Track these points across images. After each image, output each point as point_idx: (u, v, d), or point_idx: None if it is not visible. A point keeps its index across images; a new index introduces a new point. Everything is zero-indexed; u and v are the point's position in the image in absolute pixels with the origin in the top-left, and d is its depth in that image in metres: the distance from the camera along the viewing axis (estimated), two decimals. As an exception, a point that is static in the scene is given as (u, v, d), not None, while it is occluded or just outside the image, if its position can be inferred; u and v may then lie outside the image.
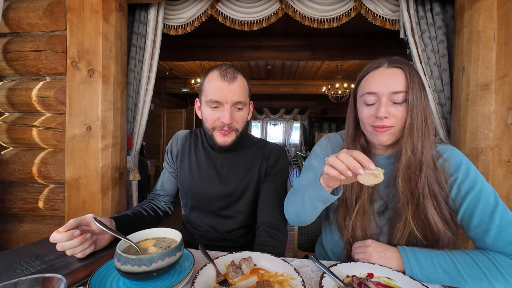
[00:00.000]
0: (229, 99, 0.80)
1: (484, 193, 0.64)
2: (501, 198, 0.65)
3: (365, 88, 0.71)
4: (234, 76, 0.81)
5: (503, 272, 0.57)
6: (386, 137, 0.69)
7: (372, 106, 0.70)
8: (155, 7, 1.72)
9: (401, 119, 0.67)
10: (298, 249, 1.24)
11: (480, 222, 0.63)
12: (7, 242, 1.58)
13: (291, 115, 9.72)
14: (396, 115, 0.67)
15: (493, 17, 1.29)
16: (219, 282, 0.56)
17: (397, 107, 0.67)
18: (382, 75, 0.69)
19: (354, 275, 0.60)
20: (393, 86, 0.67)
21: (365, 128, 0.74)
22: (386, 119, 0.67)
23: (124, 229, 0.71)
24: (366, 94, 0.70)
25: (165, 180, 1.03)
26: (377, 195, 0.76)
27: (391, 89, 0.67)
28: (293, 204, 0.79)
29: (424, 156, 0.66)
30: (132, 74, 1.72)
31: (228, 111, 0.81)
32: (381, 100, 0.67)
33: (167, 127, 5.90)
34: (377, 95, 0.68)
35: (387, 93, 0.67)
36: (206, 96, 0.83)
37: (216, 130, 0.85)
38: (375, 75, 0.70)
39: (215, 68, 0.84)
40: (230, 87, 0.80)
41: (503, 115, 1.29)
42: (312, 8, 1.77)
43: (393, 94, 0.67)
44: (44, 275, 0.38)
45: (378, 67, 0.71)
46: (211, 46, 3.73)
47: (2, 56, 1.54)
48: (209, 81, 0.83)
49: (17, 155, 1.56)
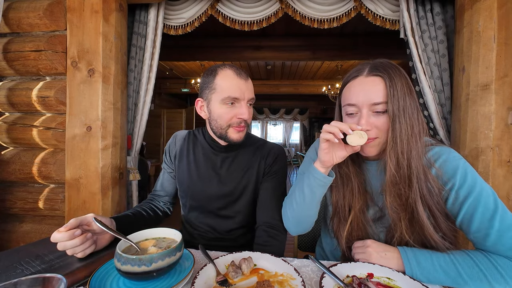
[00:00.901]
0: (247, 96, 0.84)
1: (483, 197, 0.62)
2: (501, 198, 0.64)
3: (346, 99, 0.69)
4: (246, 74, 0.87)
5: (503, 274, 0.57)
6: (371, 149, 0.68)
7: (354, 116, 0.68)
8: (155, 7, 1.72)
9: (384, 129, 0.65)
10: (298, 249, 1.24)
11: (480, 227, 0.61)
12: (7, 242, 1.58)
13: (291, 115, 9.72)
14: (378, 125, 0.65)
15: (493, 17, 1.29)
16: (219, 282, 0.56)
17: (378, 117, 0.65)
18: (361, 85, 0.66)
19: (354, 275, 0.60)
20: (373, 96, 0.64)
21: None
22: (368, 131, 0.64)
23: (124, 229, 0.71)
24: (347, 106, 0.69)
25: (165, 181, 1.03)
26: (371, 202, 0.75)
27: (370, 100, 0.64)
28: (291, 204, 0.78)
29: (413, 169, 0.63)
30: (132, 74, 1.72)
31: (246, 108, 0.85)
32: (362, 112, 0.65)
33: (167, 127, 5.90)
34: (357, 106, 0.66)
35: (367, 104, 0.65)
36: (222, 94, 0.82)
37: (232, 127, 0.85)
38: (354, 84, 0.68)
39: (226, 67, 0.85)
40: (246, 84, 0.85)
41: (503, 115, 1.29)
42: (312, 8, 1.77)
43: (372, 105, 0.64)
44: (44, 275, 0.38)
45: (357, 76, 0.68)
46: (211, 46, 3.73)
47: (2, 56, 1.54)
48: (223, 79, 0.83)
49: (17, 155, 1.56)
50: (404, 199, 0.65)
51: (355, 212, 0.73)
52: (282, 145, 10.30)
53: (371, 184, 0.75)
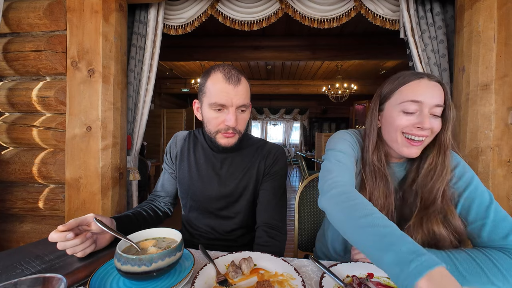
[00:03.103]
0: (235, 102, 0.79)
1: (479, 191, 0.68)
2: (501, 198, 0.66)
3: (408, 96, 0.70)
4: (239, 78, 0.80)
5: (500, 268, 0.57)
6: (417, 150, 0.71)
7: (411, 115, 0.69)
8: (155, 7, 1.72)
9: (436, 132, 0.70)
10: (298, 249, 1.24)
11: (477, 217, 0.66)
12: (7, 242, 1.58)
13: (291, 115, 9.72)
14: (434, 127, 0.68)
15: (493, 17, 1.29)
16: (219, 282, 0.56)
17: (435, 119, 0.69)
18: (427, 86, 0.69)
19: (354, 275, 0.60)
20: (437, 99, 0.68)
21: (395, 138, 0.72)
22: (426, 129, 0.68)
23: (124, 229, 0.71)
24: (409, 102, 0.69)
25: (165, 181, 1.03)
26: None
27: (434, 101, 0.67)
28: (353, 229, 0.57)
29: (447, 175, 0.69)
30: (132, 74, 1.72)
31: (234, 114, 0.80)
32: (424, 111, 0.68)
33: (167, 127, 5.90)
34: (421, 104, 0.68)
35: (430, 105, 0.67)
36: (209, 99, 0.80)
37: (220, 133, 0.84)
38: (420, 84, 0.69)
39: (218, 69, 0.81)
40: (235, 90, 0.79)
41: (503, 115, 1.29)
42: (312, 8, 1.77)
43: (435, 106, 0.68)
44: (44, 275, 0.38)
45: (421, 78, 0.70)
46: (211, 46, 3.73)
47: (2, 56, 1.54)
48: (212, 83, 0.80)
49: (17, 155, 1.56)
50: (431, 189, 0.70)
51: (386, 211, 0.73)
52: (282, 145, 10.29)
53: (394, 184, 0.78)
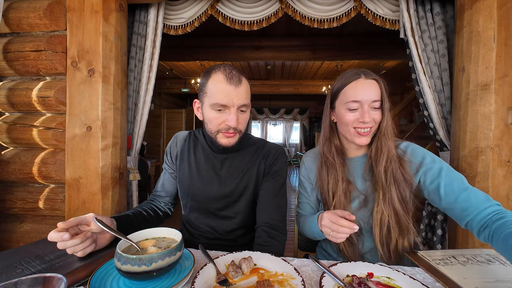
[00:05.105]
0: (236, 103, 0.80)
1: (450, 170, 0.79)
2: (501, 198, 0.66)
3: (350, 96, 0.83)
4: (240, 79, 0.81)
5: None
6: (366, 138, 0.84)
7: (355, 112, 0.83)
8: (155, 7, 1.72)
9: (377, 122, 0.83)
10: (298, 249, 1.24)
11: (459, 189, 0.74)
12: (7, 242, 1.58)
13: (291, 115, 9.72)
14: (375, 118, 0.82)
15: (493, 17, 1.29)
16: (219, 281, 0.56)
17: (375, 112, 0.82)
18: (363, 85, 0.82)
19: (354, 274, 0.61)
20: (373, 95, 0.81)
21: (347, 130, 0.85)
22: (368, 122, 0.81)
23: (124, 229, 0.71)
24: (351, 102, 0.82)
25: (166, 181, 1.03)
26: (355, 191, 0.87)
27: (371, 98, 0.81)
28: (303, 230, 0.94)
29: (391, 151, 0.82)
30: (132, 74, 1.72)
31: (235, 115, 0.80)
32: (364, 107, 0.81)
33: (167, 127, 5.90)
34: (360, 102, 0.81)
35: (368, 101, 0.81)
36: (211, 99, 0.81)
37: (221, 133, 0.84)
38: (357, 85, 0.82)
39: (219, 70, 0.81)
40: (236, 91, 0.79)
41: (503, 115, 1.29)
42: (312, 8, 1.77)
43: (372, 102, 0.81)
44: (44, 275, 0.38)
45: (358, 78, 0.82)
46: (211, 46, 3.72)
47: (2, 56, 1.54)
48: (214, 83, 0.80)
49: (17, 155, 1.56)
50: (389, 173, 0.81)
51: (338, 196, 0.85)
52: (282, 145, 10.29)
53: (353, 175, 0.90)
